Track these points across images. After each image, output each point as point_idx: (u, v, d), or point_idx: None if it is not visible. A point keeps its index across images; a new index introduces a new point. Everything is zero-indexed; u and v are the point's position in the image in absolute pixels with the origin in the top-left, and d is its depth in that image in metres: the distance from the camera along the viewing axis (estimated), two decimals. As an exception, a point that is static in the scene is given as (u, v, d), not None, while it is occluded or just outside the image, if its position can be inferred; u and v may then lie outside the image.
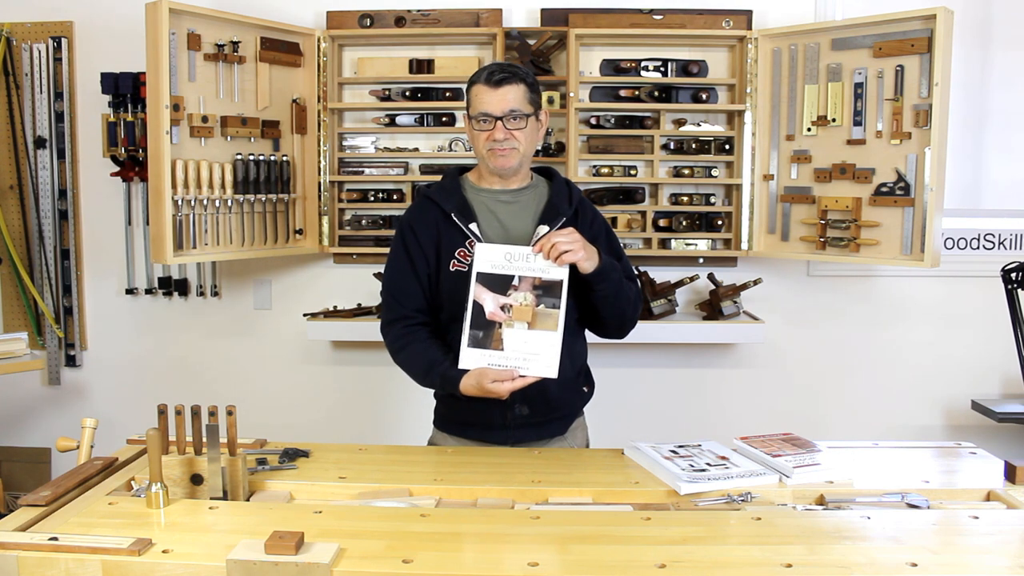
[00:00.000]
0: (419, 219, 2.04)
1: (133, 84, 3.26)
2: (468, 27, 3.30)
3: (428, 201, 2.05)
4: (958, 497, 1.66)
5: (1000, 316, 3.00)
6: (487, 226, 2.01)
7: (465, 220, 1.98)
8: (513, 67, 1.99)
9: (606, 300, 1.95)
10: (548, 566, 1.30)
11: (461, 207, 2.00)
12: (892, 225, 2.94)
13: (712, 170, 3.32)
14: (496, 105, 1.94)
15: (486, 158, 1.99)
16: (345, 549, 1.34)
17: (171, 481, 1.58)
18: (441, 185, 2.08)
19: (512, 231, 2.01)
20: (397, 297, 2.04)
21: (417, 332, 2.01)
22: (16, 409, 3.64)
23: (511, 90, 1.94)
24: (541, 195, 2.06)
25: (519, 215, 2.03)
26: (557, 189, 2.06)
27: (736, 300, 3.23)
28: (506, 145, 1.95)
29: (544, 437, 2.06)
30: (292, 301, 3.50)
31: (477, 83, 1.98)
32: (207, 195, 2.99)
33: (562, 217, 1.99)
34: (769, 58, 3.19)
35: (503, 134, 1.94)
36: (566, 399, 2.09)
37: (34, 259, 3.53)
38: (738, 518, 1.51)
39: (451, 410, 2.10)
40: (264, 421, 2.35)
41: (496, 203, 2.03)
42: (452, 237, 1.99)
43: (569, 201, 2.04)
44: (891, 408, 3.45)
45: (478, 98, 1.97)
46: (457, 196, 2.03)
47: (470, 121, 2.00)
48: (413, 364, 2.00)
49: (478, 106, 1.96)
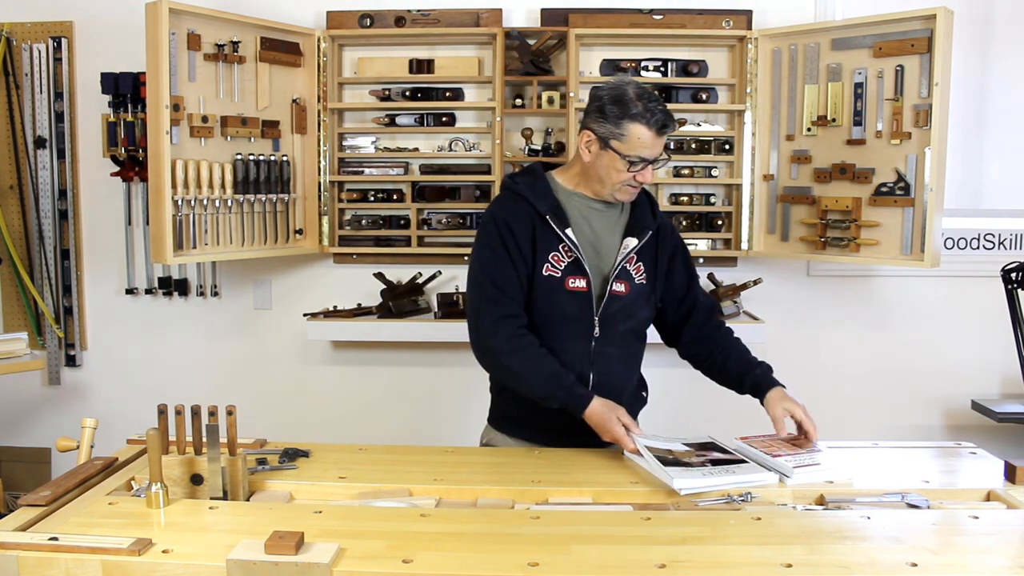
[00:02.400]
0: (514, 216, 1.96)
1: (133, 84, 3.26)
2: (468, 27, 3.30)
3: (520, 198, 1.98)
4: (958, 497, 1.66)
5: (1000, 316, 3.00)
6: (579, 233, 1.97)
7: (561, 224, 1.94)
8: (669, 111, 1.92)
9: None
10: (548, 566, 1.30)
11: (555, 209, 1.96)
12: (892, 225, 2.94)
13: (712, 170, 3.32)
14: (655, 151, 1.90)
15: (615, 191, 1.95)
16: (345, 549, 1.34)
17: (171, 481, 1.58)
18: (530, 183, 2.00)
19: (602, 241, 2.00)
20: (505, 292, 1.94)
21: (531, 337, 1.94)
22: (16, 409, 3.64)
23: (666, 135, 1.92)
24: (626, 207, 2.05)
25: (609, 226, 2.02)
26: (640, 200, 2.05)
27: (736, 300, 3.23)
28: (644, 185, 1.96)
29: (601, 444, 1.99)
30: (292, 301, 3.50)
31: (640, 123, 1.86)
32: (207, 195, 2.99)
33: (648, 231, 2.00)
34: (769, 58, 3.19)
35: (650, 177, 1.93)
36: (632, 406, 2.08)
37: (34, 259, 3.53)
38: (738, 518, 1.51)
39: (522, 412, 2.04)
40: (264, 421, 2.35)
41: (589, 210, 2.00)
42: (547, 239, 1.94)
43: (653, 214, 2.05)
44: (891, 408, 3.45)
45: (639, 140, 1.87)
46: (550, 197, 1.98)
47: (609, 148, 1.89)
48: (534, 369, 1.91)
49: (638, 149, 1.87)
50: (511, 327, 1.93)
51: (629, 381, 2.09)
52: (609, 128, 1.88)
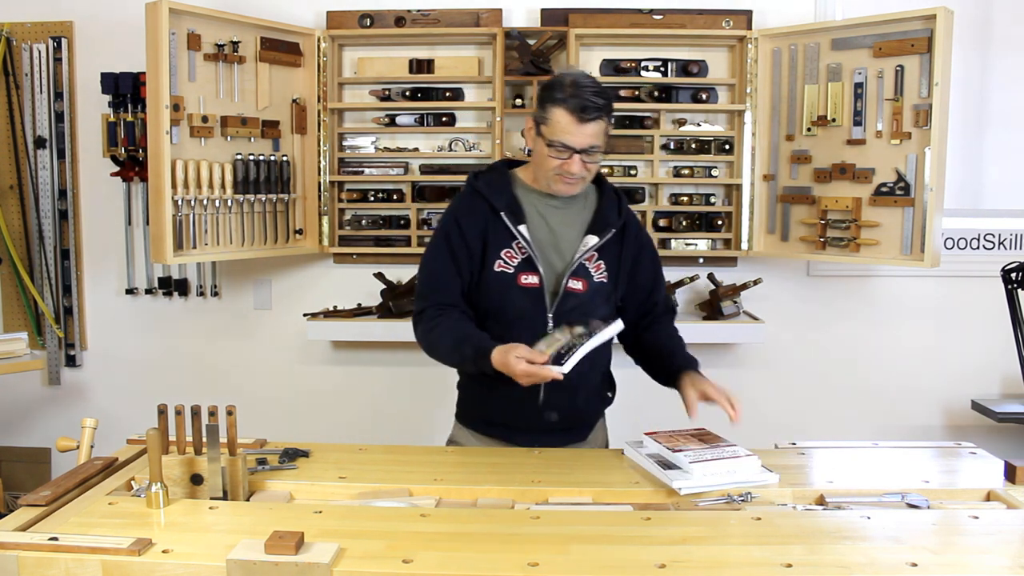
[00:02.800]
0: (467, 213, 1.97)
1: (133, 84, 3.26)
2: (468, 27, 3.30)
3: (478, 195, 1.98)
4: (958, 497, 1.66)
5: (1000, 316, 3.00)
6: (536, 229, 1.96)
7: (515, 221, 1.93)
8: (601, 98, 1.85)
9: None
10: (548, 566, 1.30)
11: (511, 206, 1.95)
12: (892, 225, 2.94)
13: (712, 170, 3.32)
14: (578, 140, 1.85)
15: (551, 180, 1.92)
16: (345, 549, 1.34)
17: (171, 481, 1.58)
18: (491, 180, 2.00)
19: (561, 238, 1.98)
20: (434, 288, 1.98)
21: (451, 312, 1.95)
22: (16, 409, 3.63)
23: (596, 126, 1.85)
24: (590, 203, 2.02)
25: (569, 222, 1.99)
26: (607, 198, 2.02)
27: (736, 300, 3.23)
28: (576, 177, 1.90)
29: (568, 443, 2.03)
30: (292, 301, 3.50)
31: (563, 108, 1.83)
32: (207, 195, 2.99)
33: (611, 229, 1.97)
34: (769, 58, 3.19)
35: (579, 168, 1.88)
36: (592, 405, 2.09)
37: (34, 259, 3.53)
38: (738, 518, 1.51)
39: (478, 407, 2.07)
40: (264, 421, 2.34)
41: (547, 207, 1.98)
42: (500, 236, 1.94)
43: (619, 212, 2.01)
44: (891, 408, 3.45)
45: (560, 126, 1.84)
46: (508, 193, 1.97)
47: (541, 138, 1.89)
48: (444, 337, 1.92)
49: (559, 135, 1.85)
50: (431, 311, 1.96)
51: (588, 380, 2.01)
52: (540, 112, 1.90)
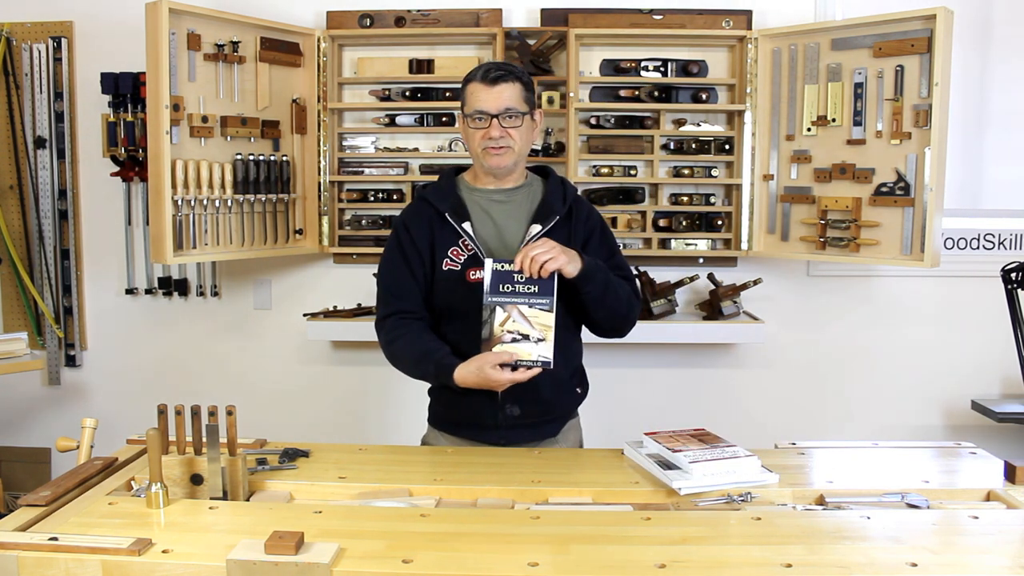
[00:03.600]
0: (414, 218, 2.05)
1: (133, 84, 3.26)
2: (468, 27, 3.30)
3: (423, 201, 2.05)
4: (958, 497, 1.66)
5: (1000, 316, 2.99)
6: (480, 226, 2.01)
7: (459, 219, 1.98)
8: (508, 65, 2.00)
9: (595, 301, 1.94)
10: (548, 566, 1.30)
11: (455, 206, 2.00)
12: (892, 225, 2.94)
13: (712, 170, 3.32)
14: (492, 103, 1.93)
15: (480, 157, 1.98)
16: (345, 549, 1.34)
17: (171, 481, 1.58)
18: (437, 185, 2.08)
19: (505, 231, 2.01)
20: (393, 293, 2.04)
21: (411, 324, 2.00)
22: (16, 409, 3.64)
23: (507, 88, 1.94)
24: (535, 194, 2.06)
25: (513, 214, 2.03)
26: (552, 188, 2.05)
27: (736, 300, 3.23)
28: (501, 143, 1.94)
29: (537, 439, 2.05)
30: (292, 301, 3.50)
31: (473, 81, 1.97)
32: (207, 195, 2.99)
33: (555, 216, 1.99)
34: (769, 58, 3.19)
35: (499, 132, 1.93)
36: (559, 400, 2.08)
37: (34, 259, 3.53)
38: (738, 518, 1.51)
39: (446, 408, 2.10)
40: (264, 421, 2.34)
41: (490, 203, 2.04)
42: (445, 236, 2.00)
43: (563, 199, 2.03)
44: (891, 408, 3.45)
45: (473, 96, 1.96)
46: (452, 196, 2.03)
47: (465, 119, 1.99)
48: (405, 353, 1.98)
49: (473, 104, 1.96)
50: (392, 320, 2.01)
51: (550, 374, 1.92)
52: (461, 100, 2.01)
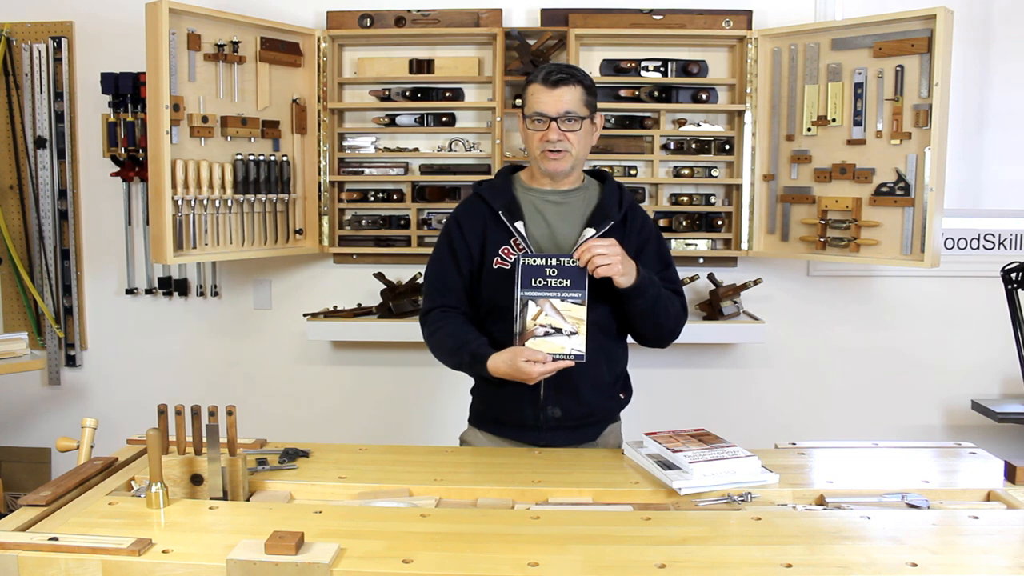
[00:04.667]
0: (467, 215, 2.05)
1: (133, 84, 3.26)
2: (468, 27, 3.30)
3: (478, 198, 2.05)
4: (958, 497, 1.66)
5: (1000, 316, 3.00)
6: (533, 226, 2.00)
7: (512, 218, 1.98)
8: (571, 68, 1.97)
9: (642, 315, 1.95)
10: (548, 566, 1.30)
11: (509, 205, 2.00)
12: (892, 225, 2.94)
13: (712, 170, 3.32)
14: (552, 106, 1.92)
15: (539, 160, 1.98)
16: (345, 549, 1.34)
17: (171, 481, 1.58)
18: (492, 183, 2.08)
19: (558, 232, 2.01)
20: (438, 289, 2.06)
21: (453, 316, 2.02)
22: (16, 409, 3.64)
23: (568, 91, 1.92)
24: (591, 197, 2.05)
25: (567, 217, 2.02)
26: (608, 192, 2.04)
27: (736, 300, 3.23)
28: (560, 147, 1.94)
29: (576, 442, 2.03)
30: (292, 301, 3.50)
31: (534, 82, 1.95)
32: (207, 195, 2.99)
33: (610, 221, 1.98)
34: (769, 58, 3.19)
35: (557, 135, 1.93)
36: (601, 403, 2.07)
37: (34, 259, 3.53)
38: (738, 518, 1.51)
39: (487, 407, 2.10)
40: (264, 421, 2.35)
41: (545, 203, 2.03)
42: (498, 234, 2.00)
43: (619, 205, 2.03)
44: (891, 408, 3.45)
45: (534, 97, 1.94)
46: (507, 194, 2.02)
47: (524, 120, 1.98)
48: (444, 342, 1.99)
49: (534, 105, 1.94)
50: (436, 313, 2.04)
51: (592, 377, 1.99)
52: (522, 101, 2.02)
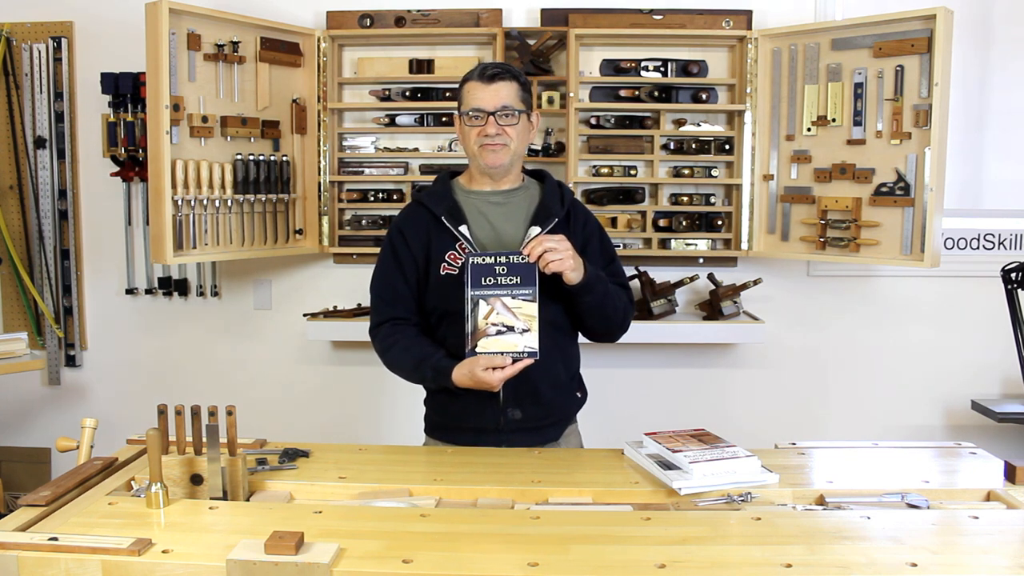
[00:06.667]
0: (409, 223, 2.04)
1: (133, 84, 3.26)
2: (468, 27, 3.30)
3: (418, 205, 2.05)
4: (958, 497, 1.66)
5: (1000, 316, 3.00)
6: (477, 228, 2.00)
7: (455, 222, 1.97)
8: (506, 65, 2.02)
9: (591, 310, 1.96)
10: (548, 566, 1.30)
11: (451, 210, 1.99)
12: (892, 225, 2.94)
13: (712, 170, 3.32)
14: (489, 100, 1.94)
15: (477, 155, 1.98)
16: (345, 549, 1.34)
17: (171, 481, 1.58)
18: (432, 189, 2.07)
19: (503, 233, 2.00)
20: (386, 300, 2.05)
21: (406, 330, 2.02)
22: (16, 409, 3.64)
23: (504, 87, 1.95)
24: (533, 196, 2.05)
25: (510, 217, 2.02)
26: (549, 190, 2.04)
27: (736, 300, 3.23)
28: (497, 141, 1.95)
29: (537, 443, 2.04)
30: (292, 301, 3.50)
31: (470, 80, 1.99)
32: (207, 195, 2.99)
33: (554, 218, 1.98)
34: (769, 58, 3.19)
35: (495, 129, 1.94)
36: (559, 403, 2.08)
37: (34, 259, 3.53)
38: (738, 518, 1.51)
39: (443, 415, 2.08)
40: (264, 421, 2.35)
41: (487, 205, 2.03)
42: (442, 240, 1.99)
43: (561, 202, 2.02)
44: (891, 408, 3.45)
45: (471, 94, 1.97)
46: (448, 199, 2.02)
47: (461, 118, 1.99)
48: (403, 359, 1.99)
49: (471, 102, 1.96)
50: (387, 327, 2.03)
51: (550, 377, 2.00)
52: (458, 101, 2.01)
